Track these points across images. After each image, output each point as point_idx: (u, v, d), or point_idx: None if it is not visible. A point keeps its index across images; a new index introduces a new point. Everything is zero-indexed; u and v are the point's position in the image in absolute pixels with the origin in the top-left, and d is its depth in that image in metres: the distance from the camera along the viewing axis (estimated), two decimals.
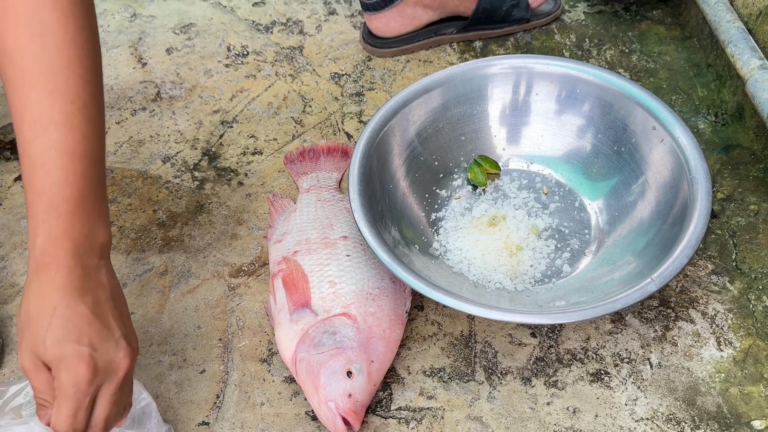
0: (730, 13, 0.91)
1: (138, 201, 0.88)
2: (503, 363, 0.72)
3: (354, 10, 1.14)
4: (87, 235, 0.53)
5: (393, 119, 0.81)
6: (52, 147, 0.53)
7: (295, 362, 0.67)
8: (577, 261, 0.78)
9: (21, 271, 0.81)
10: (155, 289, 0.79)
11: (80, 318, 0.51)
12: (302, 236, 0.78)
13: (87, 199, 0.54)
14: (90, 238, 0.54)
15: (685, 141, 0.74)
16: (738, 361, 0.71)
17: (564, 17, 1.11)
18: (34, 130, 0.53)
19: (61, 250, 0.52)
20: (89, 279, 0.53)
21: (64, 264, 0.52)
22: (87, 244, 0.53)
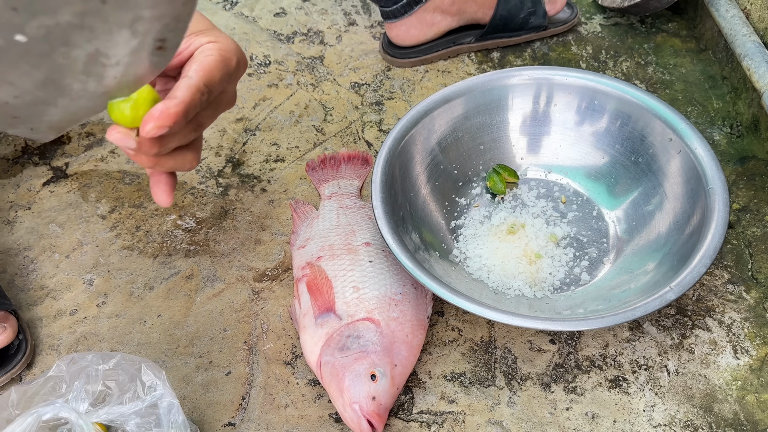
0: (746, 26, 0.92)
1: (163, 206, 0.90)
2: (523, 369, 0.73)
3: (373, 20, 1.16)
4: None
5: (414, 128, 0.83)
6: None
7: (320, 365, 0.68)
8: (595, 269, 0.79)
9: (50, 273, 0.83)
10: (181, 293, 0.81)
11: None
12: (325, 242, 0.80)
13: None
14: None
15: (702, 152, 0.76)
16: (754, 369, 0.72)
17: (580, 29, 1.13)
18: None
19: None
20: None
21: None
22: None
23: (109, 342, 0.77)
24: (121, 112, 0.44)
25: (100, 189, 0.92)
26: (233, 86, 0.55)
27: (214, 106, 0.53)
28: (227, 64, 0.51)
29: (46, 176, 0.94)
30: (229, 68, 0.51)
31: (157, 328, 0.78)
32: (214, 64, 0.50)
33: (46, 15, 0.31)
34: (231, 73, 0.52)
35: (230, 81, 0.53)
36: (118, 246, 0.86)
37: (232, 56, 0.52)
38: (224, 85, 0.52)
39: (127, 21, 0.34)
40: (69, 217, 0.89)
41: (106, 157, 0.96)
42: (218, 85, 0.50)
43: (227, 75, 0.51)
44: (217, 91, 0.51)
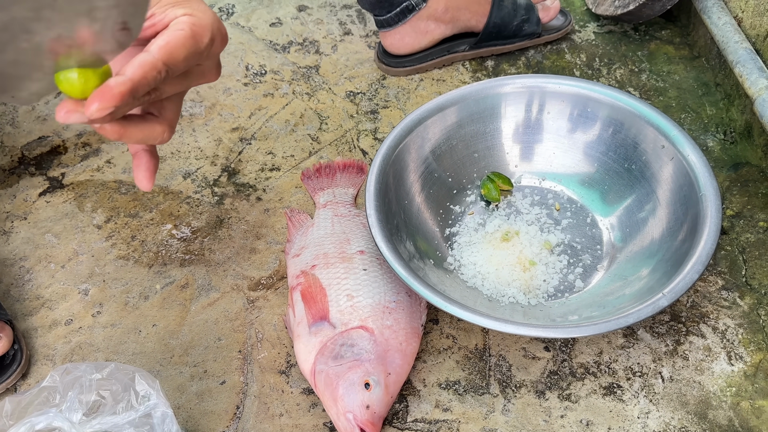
0: (738, 34, 0.93)
1: (159, 216, 0.90)
2: (517, 376, 0.73)
3: (369, 30, 1.17)
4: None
5: (408, 136, 0.83)
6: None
7: (314, 374, 0.68)
8: (589, 276, 0.80)
9: (45, 284, 0.83)
10: (176, 302, 0.81)
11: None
12: (320, 250, 0.80)
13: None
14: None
15: (695, 159, 0.76)
16: (749, 375, 0.72)
17: (574, 37, 1.14)
18: None
19: None
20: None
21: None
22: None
23: (104, 352, 0.77)
24: (70, 84, 0.43)
25: (96, 199, 0.93)
26: (210, 61, 0.54)
27: (181, 78, 0.52)
28: (198, 41, 0.50)
29: (42, 186, 0.95)
30: (199, 45, 0.50)
31: (152, 337, 0.78)
32: (181, 40, 0.48)
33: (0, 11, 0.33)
34: (201, 50, 0.50)
35: (201, 57, 0.51)
36: (113, 256, 0.86)
37: (205, 32, 0.50)
38: (191, 61, 0.50)
39: (83, 10, 0.36)
40: (65, 227, 0.89)
41: (102, 167, 0.97)
42: (182, 62, 0.49)
43: (195, 52, 0.50)
44: (181, 67, 0.49)
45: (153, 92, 0.49)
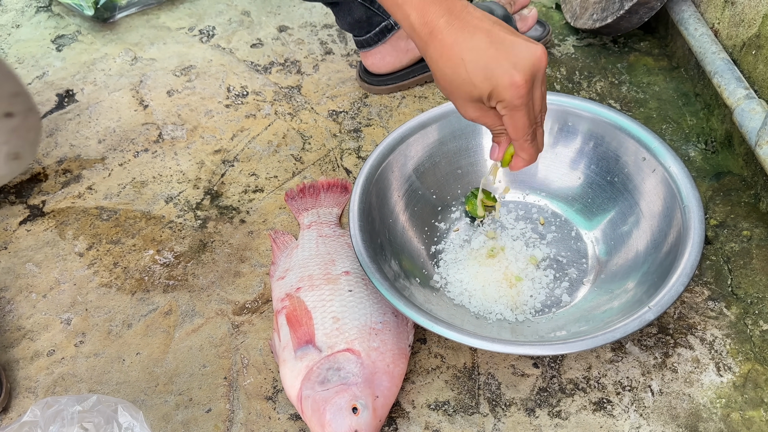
0: (715, 44, 0.94)
1: (142, 241, 0.89)
2: (507, 394, 0.73)
3: (350, 49, 1.17)
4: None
5: (391, 155, 0.83)
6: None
7: (300, 399, 0.67)
8: (575, 290, 0.79)
9: (27, 314, 0.82)
10: (160, 329, 0.80)
11: (484, 52, 0.56)
12: (305, 272, 0.79)
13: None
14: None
15: (676, 170, 0.76)
16: (738, 386, 0.72)
17: (554, 51, 1.14)
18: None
19: (430, 13, 0.56)
20: (467, 20, 0.56)
21: (440, 23, 0.56)
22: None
23: (87, 382, 0.76)
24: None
25: (77, 226, 0.92)
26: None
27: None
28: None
29: (22, 215, 0.93)
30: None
31: (135, 366, 0.77)
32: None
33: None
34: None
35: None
36: (95, 284, 0.85)
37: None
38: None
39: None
40: (46, 256, 0.88)
41: (84, 193, 0.96)
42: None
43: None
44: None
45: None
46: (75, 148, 1.02)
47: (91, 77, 1.14)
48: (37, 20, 1.25)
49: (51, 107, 1.09)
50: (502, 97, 0.57)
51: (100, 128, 1.05)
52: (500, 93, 0.56)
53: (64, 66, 1.16)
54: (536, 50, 0.56)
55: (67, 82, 1.13)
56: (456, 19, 0.56)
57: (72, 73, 1.14)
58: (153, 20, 1.25)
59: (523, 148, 0.62)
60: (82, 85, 1.12)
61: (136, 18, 1.25)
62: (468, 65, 0.56)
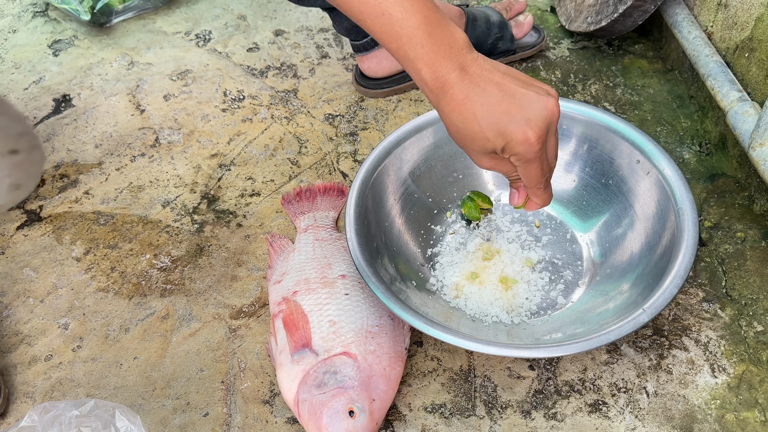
0: (708, 47, 0.94)
1: (139, 246, 0.90)
2: (503, 397, 0.73)
3: (346, 53, 1.18)
4: (451, 43, 0.57)
5: (387, 159, 0.84)
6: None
7: (297, 403, 0.68)
8: (571, 292, 0.80)
9: (24, 319, 0.82)
10: (157, 334, 0.80)
11: (497, 107, 0.56)
12: (301, 276, 0.79)
13: (432, 16, 0.57)
14: (454, 43, 0.57)
15: (670, 173, 0.77)
16: (732, 387, 0.72)
17: (549, 54, 1.15)
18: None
19: (441, 68, 0.56)
20: (478, 73, 0.57)
21: (452, 78, 0.56)
22: (455, 48, 0.57)
23: (85, 387, 0.76)
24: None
25: (74, 231, 0.92)
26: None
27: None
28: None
29: (19, 220, 0.94)
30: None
31: (133, 370, 0.77)
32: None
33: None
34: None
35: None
36: (93, 288, 0.85)
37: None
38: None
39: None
40: (43, 261, 0.88)
41: (81, 198, 0.96)
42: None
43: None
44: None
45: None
46: (72, 152, 1.03)
47: (88, 82, 1.14)
48: (34, 25, 1.26)
49: (48, 112, 1.09)
50: (515, 152, 0.58)
51: (97, 133, 1.05)
52: (513, 148, 0.57)
53: (61, 71, 1.16)
54: (548, 103, 0.57)
55: (64, 86, 1.13)
56: (467, 73, 0.57)
57: (68, 78, 1.15)
58: (149, 25, 1.25)
59: (537, 195, 0.64)
60: (78, 90, 1.13)
61: (132, 22, 1.25)
62: (480, 120, 0.56)
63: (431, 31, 0.56)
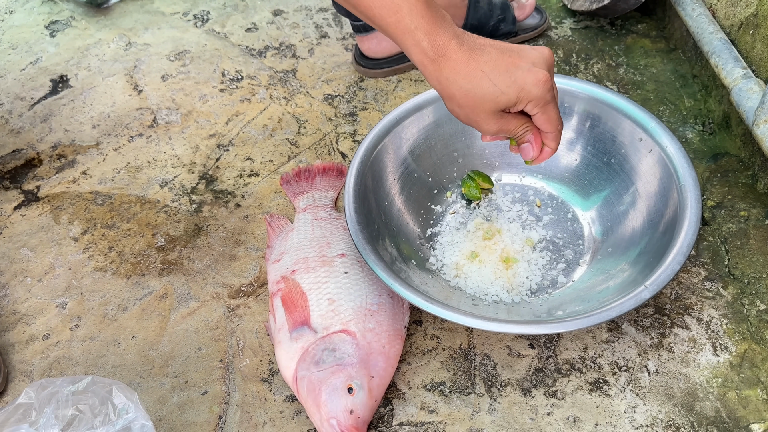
0: (712, 24, 0.93)
1: (137, 226, 0.89)
2: (503, 375, 0.73)
3: (345, 32, 1.16)
4: (443, 16, 0.58)
5: (386, 137, 0.83)
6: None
7: (296, 380, 0.67)
8: (572, 271, 0.79)
9: (22, 299, 0.82)
10: (155, 313, 0.80)
11: (501, 60, 0.58)
12: (300, 255, 0.79)
13: (430, 4, 0.58)
14: (445, 16, 0.59)
15: (673, 150, 0.76)
16: (734, 365, 0.72)
17: (551, 33, 1.14)
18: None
19: (440, 37, 0.57)
20: (473, 40, 0.59)
21: (452, 44, 0.57)
22: (447, 21, 0.58)
23: (82, 366, 0.75)
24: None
25: (72, 211, 0.91)
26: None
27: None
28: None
29: (17, 200, 0.93)
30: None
31: (131, 349, 0.77)
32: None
33: None
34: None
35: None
36: (90, 268, 0.85)
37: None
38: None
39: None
40: (41, 241, 0.88)
41: (78, 178, 0.95)
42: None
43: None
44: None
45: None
46: (69, 133, 1.02)
47: (85, 63, 1.13)
48: (31, 6, 1.24)
49: (45, 93, 1.08)
50: (532, 96, 0.59)
51: (95, 113, 1.05)
52: (530, 91, 0.58)
53: (58, 51, 1.15)
54: (543, 49, 0.60)
55: (61, 67, 1.12)
56: (463, 41, 0.58)
57: (66, 59, 1.14)
58: (147, 5, 1.24)
59: (555, 139, 0.64)
60: (76, 71, 1.12)
61: (130, 3, 1.24)
62: (490, 75, 0.58)
63: (429, 3, 0.58)
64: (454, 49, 0.57)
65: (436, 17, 0.57)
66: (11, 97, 1.07)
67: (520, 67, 0.58)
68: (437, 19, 0.57)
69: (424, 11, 0.57)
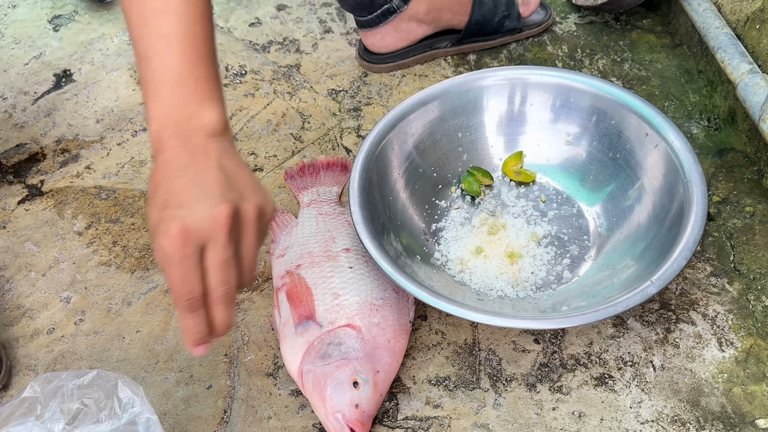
0: (718, 19, 0.93)
1: (141, 220, 0.89)
2: (508, 370, 0.73)
3: (349, 27, 1.16)
4: (189, 116, 0.54)
5: (391, 132, 0.82)
6: (152, 35, 0.54)
7: (301, 374, 0.67)
8: (577, 267, 0.79)
9: (26, 293, 0.82)
10: (160, 307, 0.80)
11: (178, 189, 0.52)
12: (305, 250, 0.79)
13: (186, 81, 0.54)
14: (193, 118, 0.54)
15: (679, 145, 0.76)
16: (740, 361, 0.72)
17: (555, 28, 1.13)
18: (139, 24, 0.54)
19: (166, 133, 0.54)
20: (194, 156, 0.53)
21: (170, 146, 0.53)
22: (191, 124, 0.54)
23: (87, 360, 0.75)
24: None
25: (76, 205, 0.91)
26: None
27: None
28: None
29: (21, 194, 0.93)
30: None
31: (136, 343, 0.77)
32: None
33: None
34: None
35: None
36: (95, 262, 0.85)
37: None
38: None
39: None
40: (45, 235, 0.88)
41: (82, 173, 0.95)
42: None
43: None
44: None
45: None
46: (73, 128, 1.02)
47: (89, 57, 1.13)
48: (34, 0, 1.24)
49: (48, 87, 1.08)
50: (156, 240, 0.51)
51: (98, 108, 1.04)
52: (157, 233, 0.51)
53: (62, 46, 1.15)
54: (215, 210, 0.51)
55: (65, 62, 1.12)
56: (187, 150, 0.54)
57: (69, 53, 1.13)
58: None
59: (181, 319, 0.54)
60: (79, 65, 1.11)
61: None
62: (158, 193, 0.53)
63: (178, 93, 0.53)
64: (166, 152, 0.54)
65: (180, 116, 0.53)
66: (15, 92, 1.07)
67: (168, 207, 0.51)
68: (178, 117, 0.53)
69: (168, 102, 0.53)
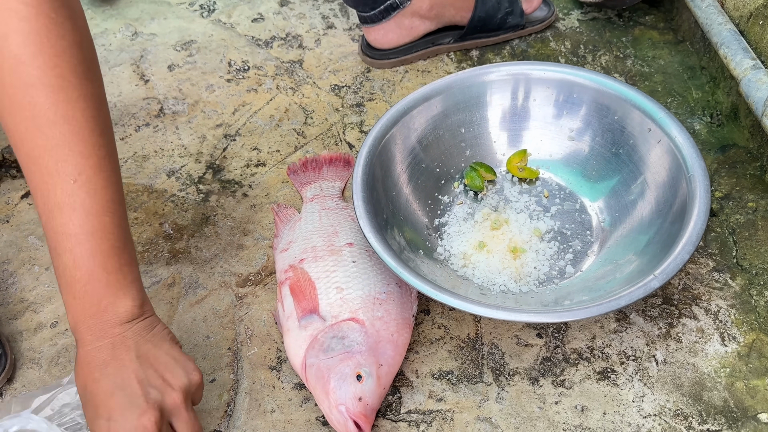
0: (721, 15, 0.93)
1: (144, 215, 0.89)
2: (510, 364, 0.73)
3: (352, 23, 1.16)
4: (104, 309, 0.56)
5: (394, 127, 0.83)
6: (59, 231, 0.54)
7: (304, 367, 0.67)
8: (580, 262, 0.79)
9: (29, 287, 0.82)
10: (163, 301, 0.80)
11: (103, 396, 0.53)
12: (308, 244, 0.79)
13: (98, 277, 0.55)
14: (108, 310, 0.56)
15: (682, 140, 0.76)
16: (742, 355, 0.72)
17: (558, 25, 1.13)
18: (45, 215, 0.55)
19: (83, 326, 0.55)
20: (113, 348, 0.55)
21: (88, 340, 0.55)
22: (106, 317, 0.56)
23: None
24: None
25: None
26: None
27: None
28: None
29: (24, 188, 0.93)
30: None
31: None
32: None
33: None
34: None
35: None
36: None
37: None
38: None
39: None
40: None
41: None
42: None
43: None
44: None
45: None
46: None
47: None
48: None
49: None
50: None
51: None
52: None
53: None
54: (142, 418, 0.52)
55: None
56: (106, 342, 0.55)
57: None
58: None
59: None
60: None
61: None
62: (85, 396, 0.55)
63: (89, 290, 0.55)
64: (84, 346, 0.56)
65: (91, 309, 0.55)
66: None
67: (98, 415, 0.53)
68: (90, 310, 0.55)
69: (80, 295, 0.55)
